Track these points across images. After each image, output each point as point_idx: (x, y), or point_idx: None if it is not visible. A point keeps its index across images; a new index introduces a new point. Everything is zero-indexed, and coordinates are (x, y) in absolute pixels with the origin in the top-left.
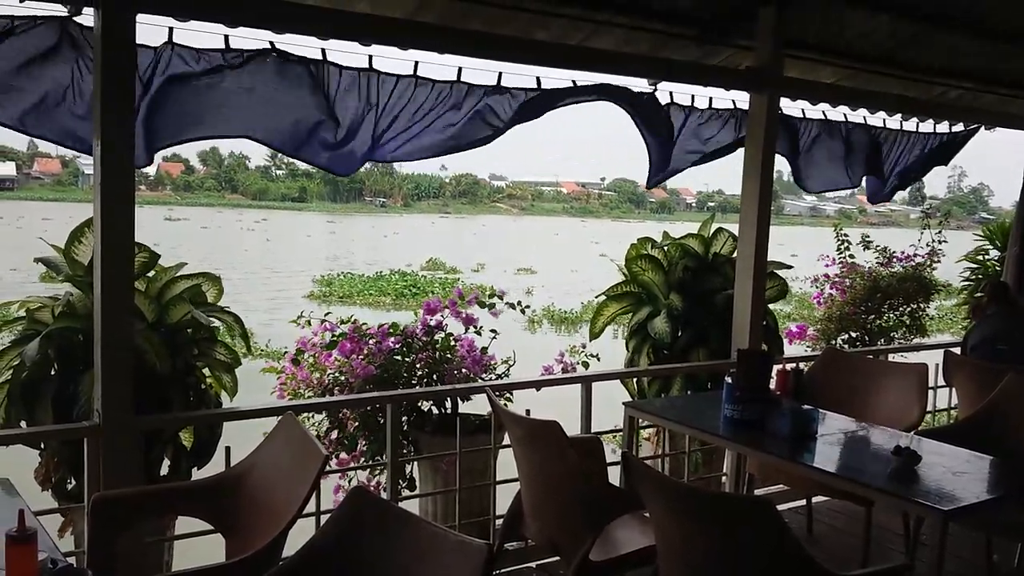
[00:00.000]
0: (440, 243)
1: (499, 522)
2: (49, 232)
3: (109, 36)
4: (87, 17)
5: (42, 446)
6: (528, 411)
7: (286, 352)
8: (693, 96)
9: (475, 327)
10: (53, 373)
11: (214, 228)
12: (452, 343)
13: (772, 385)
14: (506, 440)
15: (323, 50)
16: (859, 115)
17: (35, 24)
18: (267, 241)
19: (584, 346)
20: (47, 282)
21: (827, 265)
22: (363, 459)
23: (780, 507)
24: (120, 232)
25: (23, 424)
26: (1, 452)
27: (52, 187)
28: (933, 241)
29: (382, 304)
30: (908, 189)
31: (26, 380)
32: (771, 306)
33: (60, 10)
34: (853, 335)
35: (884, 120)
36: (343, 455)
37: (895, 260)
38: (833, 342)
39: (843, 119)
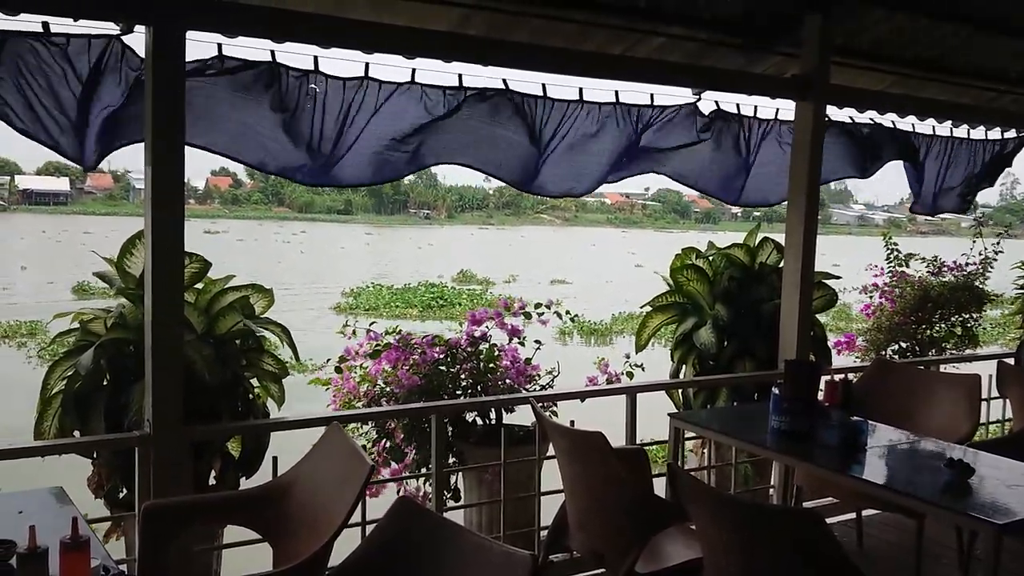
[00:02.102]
0: (477, 254)
1: (544, 534)
2: (87, 246)
3: (160, 53)
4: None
5: (95, 455)
6: (572, 422)
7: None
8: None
9: (519, 338)
10: (105, 383)
11: (250, 241)
12: (496, 354)
13: (820, 396)
14: (551, 451)
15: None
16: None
17: (88, 43)
18: (301, 253)
19: (628, 356)
20: (79, 295)
21: (875, 276)
22: (409, 470)
23: (829, 520)
24: (170, 245)
25: (76, 433)
26: (55, 461)
27: (104, 201)
28: (986, 250)
29: (408, 316)
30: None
31: (79, 390)
32: None
33: (112, 28)
34: (903, 345)
35: (933, 127)
36: (394, 465)
37: (946, 269)
38: (883, 352)
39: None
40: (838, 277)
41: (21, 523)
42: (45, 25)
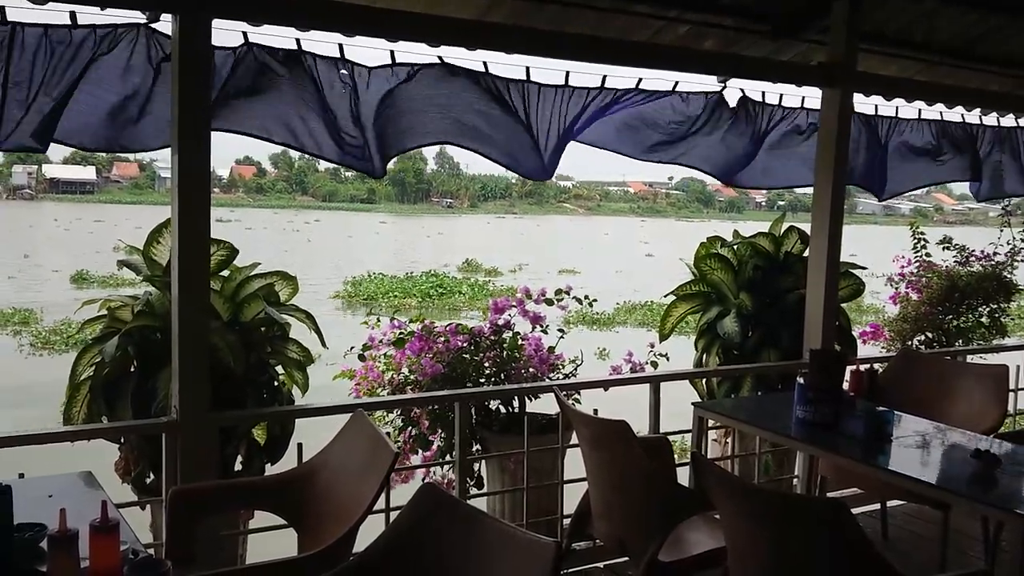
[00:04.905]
0: (489, 244)
1: (566, 522)
2: (95, 235)
3: (186, 41)
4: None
5: (122, 440)
6: (596, 411)
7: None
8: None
9: (542, 326)
10: (132, 370)
11: (260, 229)
12: (519, 342)
13: (845, 386)
14: (574, 439)
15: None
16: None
17: (115, 32)
18: (308, 242)
19: (652, 345)
20: (77, 284)
21: (902, 266)
22: (434, 457)
23: (854, 511)
24: (196, 233)
25: (104, 419)
26: (83, 446)
27: (130, 190)
28: (1014, 239)
29: (406, 307)
30: None
31: (107, 377)
32: None
33: (139, 17)
34: (929, 335)
35: (963, 115)
36: (420, 452)
37: (973, 259)
38: (909, 343)
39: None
40: (864, 267)
41: (51, 506)
42: (72, 15)
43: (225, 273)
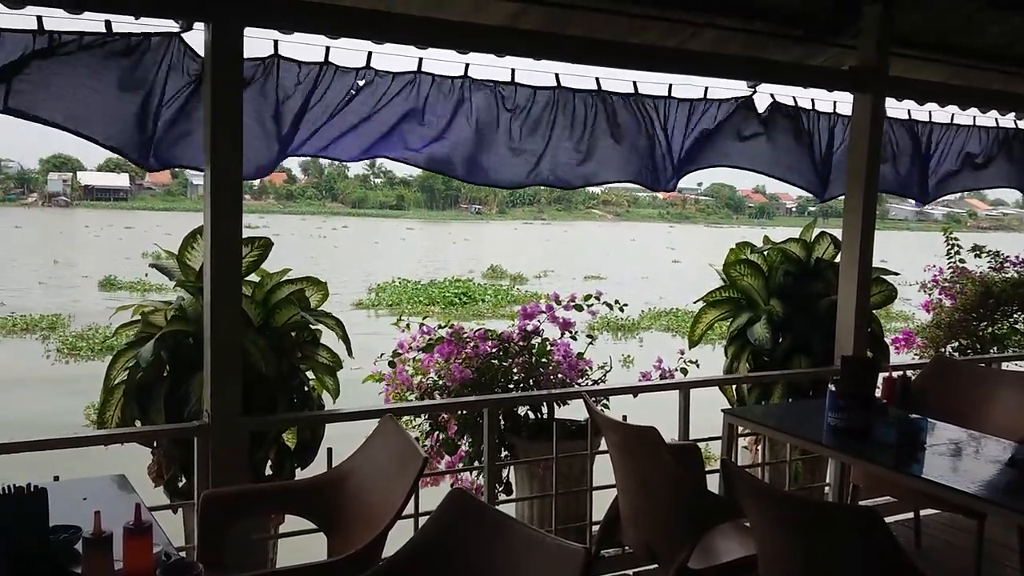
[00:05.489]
0: (515, 249)
1: (596, 528)
2: (124, 241)
3: (219, 50)
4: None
5: (155, 444)
6: (625, 417)
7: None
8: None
9: (571, 332)
10: (165, 374)
11: (287, 236)
12: (548, 348)
13: (877, 393)
14: (603, 446)
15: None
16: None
17: (149, 41)
18: (335, 248)
19: (682, 352)
20: (106, 289)
21: (936, 273)
22: (462, 463)
23: (887, 519)
24: (229, 240)
25: (137, 423)
26: (116, 449)
27: (162, 197)
28: None
29: (430, 313)
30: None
31: (140, 381)
32: None
33: (172, 26)
34: (963, 342)
35: (997, 119)
36: (447, 457)
37: (1008, 264)
38: (942, 350)
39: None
40: (896, 273)
41: (86, 509)
42: (108, 24)
43: (256, 279)
